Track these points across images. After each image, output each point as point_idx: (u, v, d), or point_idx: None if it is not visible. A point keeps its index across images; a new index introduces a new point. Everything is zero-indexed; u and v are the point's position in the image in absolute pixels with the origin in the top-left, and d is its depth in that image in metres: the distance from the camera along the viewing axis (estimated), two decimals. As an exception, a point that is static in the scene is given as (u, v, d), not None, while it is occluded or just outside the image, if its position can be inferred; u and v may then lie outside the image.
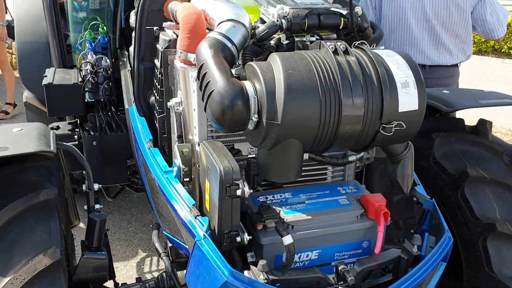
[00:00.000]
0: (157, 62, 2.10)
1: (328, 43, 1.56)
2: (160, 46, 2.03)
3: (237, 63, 1.65)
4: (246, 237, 1.58)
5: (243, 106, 1.48)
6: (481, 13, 3.16)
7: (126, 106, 2.40)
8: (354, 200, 1.81)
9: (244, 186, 1.52)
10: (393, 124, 1.53)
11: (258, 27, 1.70)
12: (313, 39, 1.77)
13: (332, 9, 1.74)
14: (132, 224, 3.87)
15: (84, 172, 2.18)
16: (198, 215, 1.62)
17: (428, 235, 1.92)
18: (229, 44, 1.60)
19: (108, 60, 3.04)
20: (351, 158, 1.84)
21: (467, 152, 2.42)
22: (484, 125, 2.56)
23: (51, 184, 2.00)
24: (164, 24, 1.96)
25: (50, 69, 3.21)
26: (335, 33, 1.79)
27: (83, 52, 3.07)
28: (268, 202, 1.73)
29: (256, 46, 1.71)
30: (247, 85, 1.52)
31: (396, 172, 1.78)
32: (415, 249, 1.75)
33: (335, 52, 1.53)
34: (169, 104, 1.89)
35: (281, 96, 1.44)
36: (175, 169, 1.83)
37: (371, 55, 1.55)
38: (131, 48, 2.96)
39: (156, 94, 2.11)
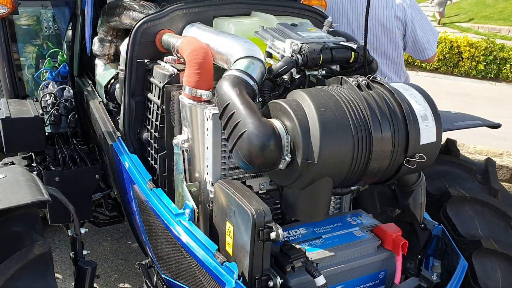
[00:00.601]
0: (151, 96, 1.98)
1: (350, 79, 1.56)
2: (157, 81, 1.92)
3: (257, 100, 1.60)
4: (279, 280, 1.52)
5: (276, 146, 1.43)
6: (411, 32, 3.07)
7: (109, 142, 2.23)
8: (368, 231, 1.82)
9: (278, 228, 1.46)
10: (416, 157, 1.56)
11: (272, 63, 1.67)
12: (323, 72, 1.76)
13: (342, 43, 1.74)
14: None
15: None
16: (225, 261, 1.53)
17: (433, 259, 1.97)
18: (251, 82, 1.55)
19: (71, 91, 2.83)
20: (353, 187, 1.84)
21: (445, 172, 2.53)
22: (454, 145, 2.70)
23: (37, 233, 1.82)
24: (166, 59, 1.85)
25: (0, 100, 2.93)
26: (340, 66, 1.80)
27: (43, 82, 2.83)
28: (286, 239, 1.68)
29: (271, 81, 1.68)
30: (277, 124, 1.47)
31: (408, 202, 1.81)
32: (434, 276, 1.78)
33: (359, 87, 1.54)
34: (174, 141, 1.79)
35: (317, 135, 1.41)
36: (187, 211, 1.72)
37: (391, 89, 1.57)
38: (99, 78, 2.79)
39: (152, 131, 1.98)
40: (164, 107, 1.86)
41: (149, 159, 2.05)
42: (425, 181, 2.35)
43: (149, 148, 2.04)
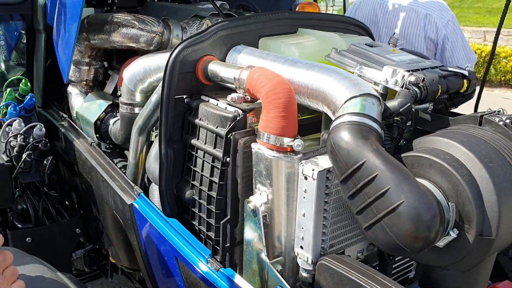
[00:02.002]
0: (199, 144, 1.51)
1: (495, 118, 1.23)
2: (211, 124, 1.45)
3: None
4: None
5: (440, 220, 1.06)
6: (440, 53, 2.75)
7: (127, 201, 1.71)
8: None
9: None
10: None
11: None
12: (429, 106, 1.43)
13: (451, 69, 1.41)
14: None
15: None
16: None
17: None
18: (379, 129, 1.16)
19: (43, 129, 2.23)
20: None
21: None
22: None
23: None
24: (231, 96, 1.39)
25: None
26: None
27: (8, 121, 2.20)
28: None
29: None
30: (429, 187, 1.11)
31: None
32: None
33: (508, 128, 1.22)
34: (249, 205, 1.35)
35: (493, 201, 1.06)
36: (280, 299, 1.30)
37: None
38: (81, 111, 2.23)
39: (202, 188, 1.51)
40: (229, 159, 1.40)
41: (195, 223, 1.58)
42: None
43: (195, 210, 1.57)
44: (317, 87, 1.30)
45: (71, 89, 2.37)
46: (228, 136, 1.38)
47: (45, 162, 2.23)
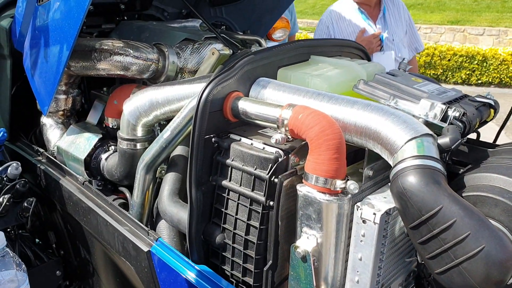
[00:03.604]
0: (232, 185, 1.43)
1: (536, 149, 1.28)
2: (248, 166, 1.37)
3: None
4: None
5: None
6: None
7: (143, 248, 1.57)
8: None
9: None
10: None
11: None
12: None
13: (480, 99, 1.45)
14: None
15: None
16: None
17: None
18: (443, 169, 1.16)
19: (19, 167, 2.01)
20: None
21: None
22: None
23: None
24: (275, 138, 1.31)
25: None
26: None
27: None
28: None
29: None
30: (500, 227, 1.12)
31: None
32: None
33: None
34: (299, 250, 1.29)
35: (558, 236, 1.10)
36: None
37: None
38: (65, 145, 2.04)
39: (236, 232, 1.43)
40: (272, 203, 1.34)
41: (226, 269, 1.49)
42: None
43: (226, 255, 1.48)
44: (366, 126, 1.27)
45: (45, 120, 2.16)
46: (272, 179, 1.32)
47: (25, 204, 2.01)
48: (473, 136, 1.49)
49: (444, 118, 1.36)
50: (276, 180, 1.32)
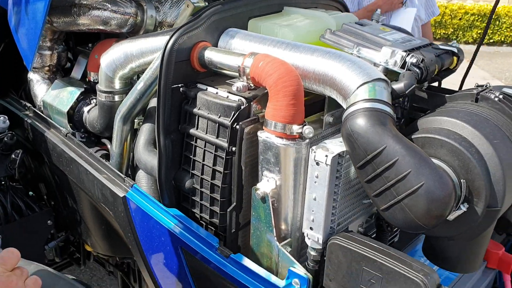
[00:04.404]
0: (199, 133, 1.48)
1: (490, 95, 1.31)
2: (213, 114, 1.43)
3: None
4: None
5: (455, 197, 1.13)
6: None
7: (119, 193, 1.66)
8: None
9: (451, 291, 1.20)
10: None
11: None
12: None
13: (442, 47, 1.48)
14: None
15: None
16: None
17: None
18: (392, 113, 1.20)
19: (7, 121, 2.09)
20: None
21: None
22: None
23: None
24: (236, 86, 1.36)
25: None
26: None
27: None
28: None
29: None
30: (443, 166, 1.17)
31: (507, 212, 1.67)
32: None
33: (502, 103, 1.30)
34: (258, 192, 1.36)
35: (499, 176, 1.15)
36: (296, 281, 1.34)
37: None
38: (49, 99, 2.10)
39: (204, 177, 1.50)
40: (234, 149, 1.39)
41: (196, 211, 1.57)
42: None
43: (195, 199, 1.56)
44: (324, 72, 1.31)
45: (32, 75, 2.22)
46: (234, 126, 1.37)
47: (13, 156, 2.10)
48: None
49: (404, 65, 1.39)
50: (237, 126, 1.37)
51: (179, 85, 1.48)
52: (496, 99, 1.30)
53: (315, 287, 1.40)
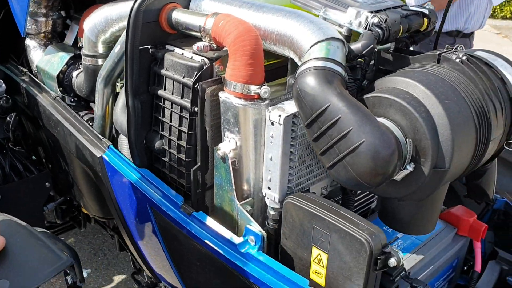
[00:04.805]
0: (166, 94, 1.52)
1: (452, 56, 1.29)
2: (177, 74, 1.45)
3: None
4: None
5: (399, 155, 1.13)
6: None
7: (96, 153, 1.72)
8: (438, 220, 1.63)
9: (397, 251, 1.20)
10: (515, 137, 1.37)
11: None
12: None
13: (412, 8, 1.44)
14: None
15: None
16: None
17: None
18: (343, 73, 1.20)
19: (3, 85, 2.18)
20: None
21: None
22: None
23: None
24: (197, 45, 1.38)
25: None
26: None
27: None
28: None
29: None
30: (389, 125, 1.17)
31: (480, 180, 1.64)
32: (516, 257, 1.67)
33: (464, 65, 1.27)
34: (219, 152, 1.39)
35: (448, 136, 1.13)
36: (251, 238, 1.37)
37: (488, 63, 1.34)
38: (42, 64, 2.17)
39: (172, 138, 1.53)
40: (196, 109, 1.42)
41: (166, 172, 1.61)
42: None
43: (165, 159, 1.60)
44: (283, 32, 1.31)
45: (29, 42, 2.29)
46: (195, 86, 1.39)
47: (8, 118, 2.20)
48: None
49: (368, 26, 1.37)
50: (199, 87, 1.39)
51: (148, 46, 1.51)
52: (458, 60, 1.27)
53: (276, 246, 1.43)
